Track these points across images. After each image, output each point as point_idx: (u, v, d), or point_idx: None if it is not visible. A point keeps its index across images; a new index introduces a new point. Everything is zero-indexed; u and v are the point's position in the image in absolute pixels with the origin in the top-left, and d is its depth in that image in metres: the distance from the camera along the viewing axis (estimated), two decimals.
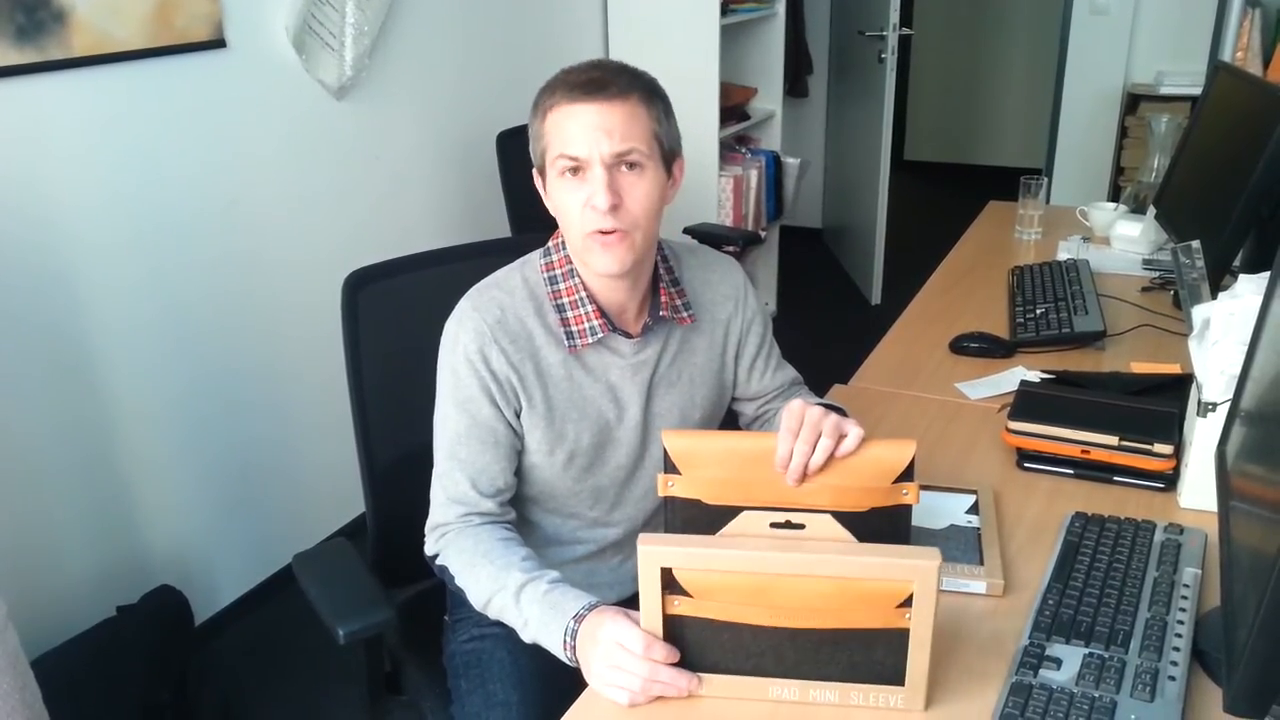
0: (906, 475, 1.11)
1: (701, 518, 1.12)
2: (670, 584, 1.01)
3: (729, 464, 1.13)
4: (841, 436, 1.12)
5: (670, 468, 1.13)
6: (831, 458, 1.11)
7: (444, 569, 1.28)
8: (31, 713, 1.13)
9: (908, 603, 0.96)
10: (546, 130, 1.22)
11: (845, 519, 1.03)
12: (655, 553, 0.99)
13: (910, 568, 0.95)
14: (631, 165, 1.20)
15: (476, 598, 1.22)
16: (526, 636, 1.16)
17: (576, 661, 1.09)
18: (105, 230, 2.05)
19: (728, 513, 1.07)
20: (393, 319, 1.48)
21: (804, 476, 1.12)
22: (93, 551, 2.12)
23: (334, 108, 2.51)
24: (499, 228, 2.75)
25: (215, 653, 2.34)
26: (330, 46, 2.42)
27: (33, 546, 2.01)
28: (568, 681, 1.11)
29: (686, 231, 2.92)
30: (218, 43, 2.19)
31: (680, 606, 1.02)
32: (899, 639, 0.98)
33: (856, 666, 1.00)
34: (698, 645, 1.03)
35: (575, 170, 1.20)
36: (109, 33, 1.98)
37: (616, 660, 1.03)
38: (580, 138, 1.18)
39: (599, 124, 1.18)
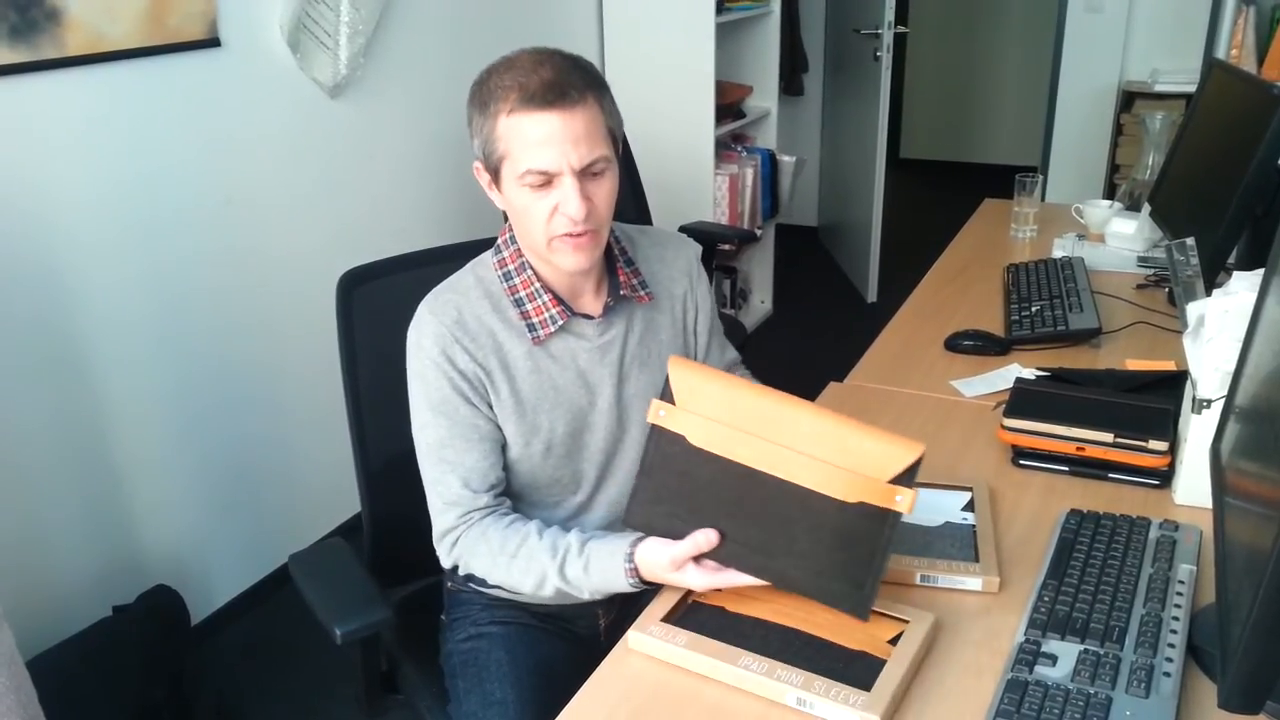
0: (906, 478, 1.04)
1: (681, 457, 1.11)
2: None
3: (725, 409, 1.11)
4: None
5: (667, 395, 1.13)
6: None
7: (469, 577, 1.29)
8: (27, 713, 1.12)
9: (896, 639, 1.08)
10: (501, 135, 1.19)
11: (827, 505, 1.06)
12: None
13: (910, 611, 1.11)
14: (598, 171, 1.21)
15: (522, 589, 1.25)
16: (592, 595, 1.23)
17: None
18: (99, 229, 2.04)
19: (708, 459, 1.10)
20: (387, 318, 1.47)
21: None
22: (88, 551, 2.12)
23: (329, 106, 2.51)
24: (493, 227, 2.70)
25: (211, 652, 2.34)
26: (325, 45, 2.42)
27: (28, 546, 2.00)
28: (564, 681, 1.11)
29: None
30: (212, 41, 2.19)
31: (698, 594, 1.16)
32: (878, 665, 1.04)
33: (833, 670, 1.04)
34: (705, 624, 1.11)
35: (543, 182, 1.19)
36: (102, 32, 1.97)
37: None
38: (548, 151, 1.17)
39: (565, 134, 1.16)
